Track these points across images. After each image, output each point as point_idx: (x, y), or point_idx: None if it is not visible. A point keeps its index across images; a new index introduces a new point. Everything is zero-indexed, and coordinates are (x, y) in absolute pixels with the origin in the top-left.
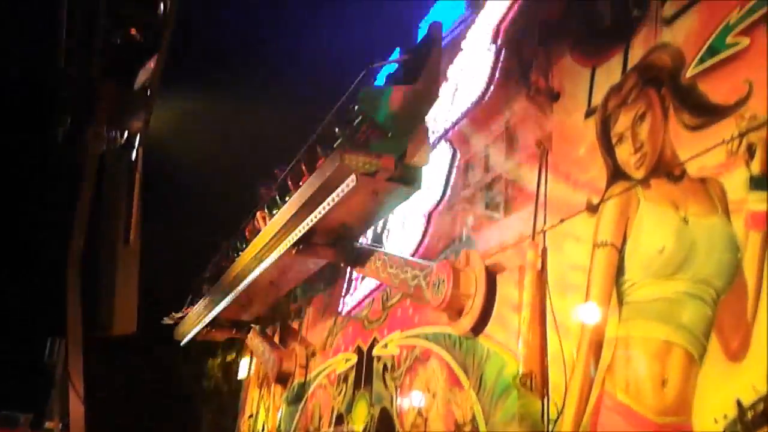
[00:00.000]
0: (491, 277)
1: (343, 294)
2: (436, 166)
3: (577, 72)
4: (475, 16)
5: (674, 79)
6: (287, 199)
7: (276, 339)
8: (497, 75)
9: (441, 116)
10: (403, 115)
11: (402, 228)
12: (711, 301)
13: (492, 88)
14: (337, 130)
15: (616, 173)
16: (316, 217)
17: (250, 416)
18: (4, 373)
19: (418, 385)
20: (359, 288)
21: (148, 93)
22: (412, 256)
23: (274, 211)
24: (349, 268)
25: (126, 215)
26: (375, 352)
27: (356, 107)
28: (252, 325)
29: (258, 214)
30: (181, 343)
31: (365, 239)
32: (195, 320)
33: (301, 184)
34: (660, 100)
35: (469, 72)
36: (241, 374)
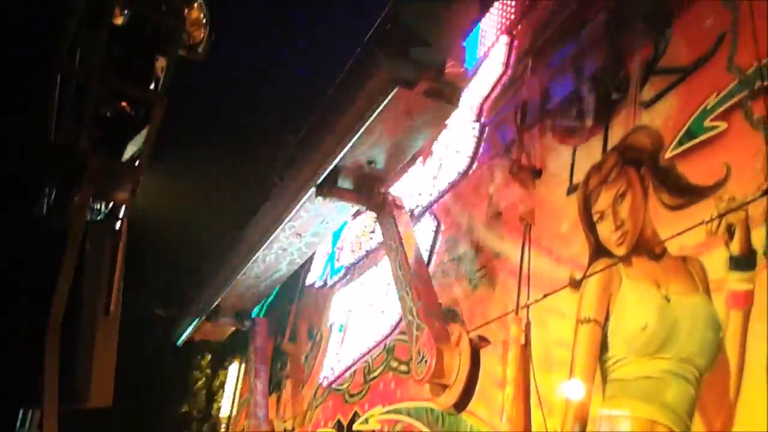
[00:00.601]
0: (475, 352)
1: (323, 365)
2: (420, 238)
3: (559, 150)
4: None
5: (653, 160)
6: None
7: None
8: (480, 151)
9: (425, 189)
10: (442, 27)
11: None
12: (694, 379)
13: (475, 163)
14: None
15: (598, 250)
16: (345, 145)
17: None
18: None
19: None
20: (340, 359)
21: (137, 164)
22: (396, 327)
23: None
24: (328, 337)
25: (107, 285)
26: (355, 427)
27: (394, 17)
28: (256, 318)
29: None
30: (177, 342)
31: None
32: (195, 312)
33: None
34: (640, 180)
35: (453, 147)
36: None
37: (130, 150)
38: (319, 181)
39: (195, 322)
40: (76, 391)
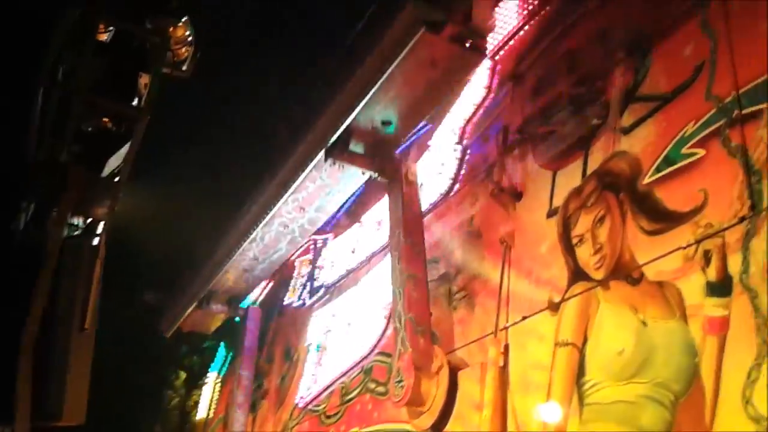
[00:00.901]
0: (453, 374)
1: (300, 386)
2: None
3: (539, 174)
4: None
5: (632, 186)
6: None
7: None
8: (462, 173)
9: None
10: None
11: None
12: (670, 404)
13: (456, 185)
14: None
15: (577, 273)
16: (363, 97)
17: None
18: None
19: None
20: (318, 379)
21: (116, 180)
22: (374, 348)
23: None
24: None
25: (83, 302)
26: None
27: None
28: (249, 308)
29: None
30: (167, 334)
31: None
32: (186, 297)
33: None
34: (618, 205)
35: (435, 169)
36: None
37: (110, 166)
38: (329, 144)
39: (188, 310)
40: (49, 408)
